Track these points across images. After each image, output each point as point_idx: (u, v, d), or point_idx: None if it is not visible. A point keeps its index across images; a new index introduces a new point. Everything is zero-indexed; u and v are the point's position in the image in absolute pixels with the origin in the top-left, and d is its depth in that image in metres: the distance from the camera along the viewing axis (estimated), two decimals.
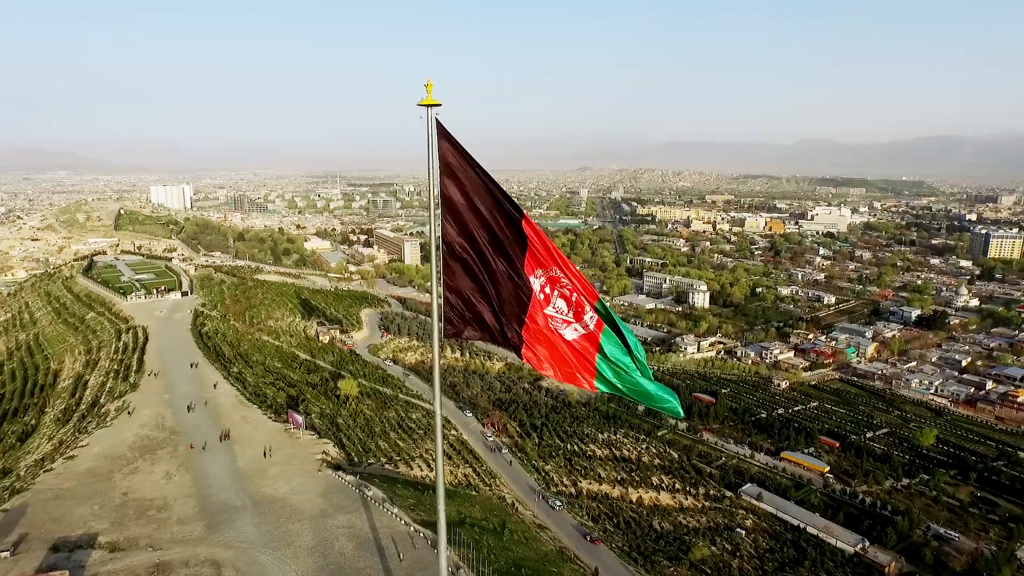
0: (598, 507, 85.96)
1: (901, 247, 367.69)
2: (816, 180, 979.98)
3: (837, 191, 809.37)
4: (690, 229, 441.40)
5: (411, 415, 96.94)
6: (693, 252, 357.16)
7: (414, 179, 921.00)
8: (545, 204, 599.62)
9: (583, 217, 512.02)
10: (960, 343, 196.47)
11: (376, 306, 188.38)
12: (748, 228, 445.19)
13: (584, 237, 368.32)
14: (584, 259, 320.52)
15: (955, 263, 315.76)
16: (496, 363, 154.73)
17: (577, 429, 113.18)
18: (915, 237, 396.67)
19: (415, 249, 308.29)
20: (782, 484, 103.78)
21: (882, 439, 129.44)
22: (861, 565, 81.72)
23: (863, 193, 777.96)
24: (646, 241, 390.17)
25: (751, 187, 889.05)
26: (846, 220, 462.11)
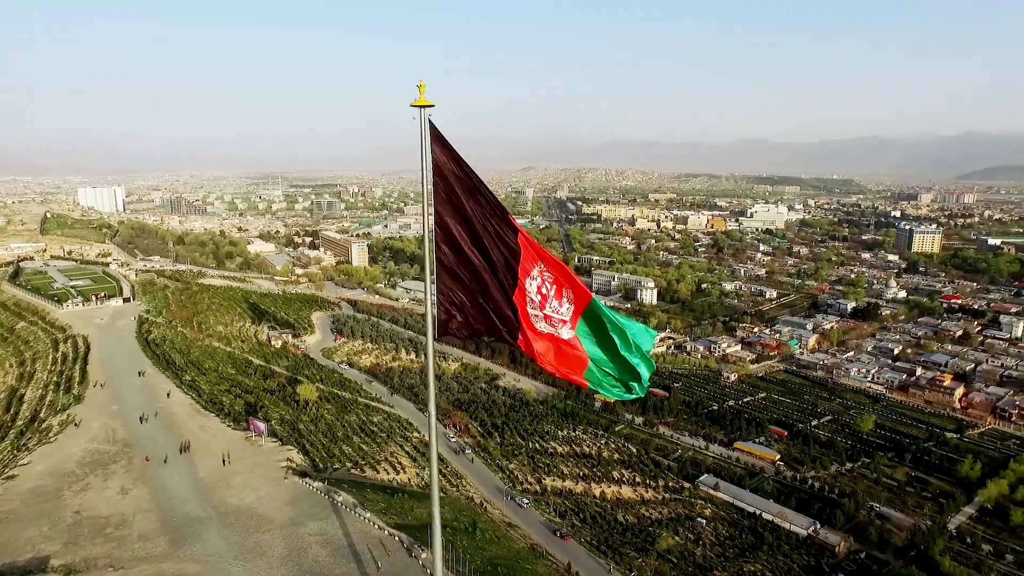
0: (564, 503, 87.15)
1: (835, 243, 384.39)
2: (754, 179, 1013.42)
3: (774, 189, 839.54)
4: (635, 227, 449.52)
5: (372, 418, 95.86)
6: (639, 250, 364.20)
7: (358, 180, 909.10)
8: None
9: (530, 217, 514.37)
10: (892, 333, 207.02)
11: (327, 309, 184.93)
12: (691, 226, 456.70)
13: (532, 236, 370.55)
14: None
15: (884, 257, 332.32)
16: (452, 364, 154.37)
17: (537, 427, 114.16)
18: (847, 233, 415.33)
19: (363, 251, 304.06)
20: (737, 473, 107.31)
21: (826, 426, 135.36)
22: (814, 546, 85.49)
23: (798, 191, 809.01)
24: (593, 240, 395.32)
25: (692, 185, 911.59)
26: (783, 217, 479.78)
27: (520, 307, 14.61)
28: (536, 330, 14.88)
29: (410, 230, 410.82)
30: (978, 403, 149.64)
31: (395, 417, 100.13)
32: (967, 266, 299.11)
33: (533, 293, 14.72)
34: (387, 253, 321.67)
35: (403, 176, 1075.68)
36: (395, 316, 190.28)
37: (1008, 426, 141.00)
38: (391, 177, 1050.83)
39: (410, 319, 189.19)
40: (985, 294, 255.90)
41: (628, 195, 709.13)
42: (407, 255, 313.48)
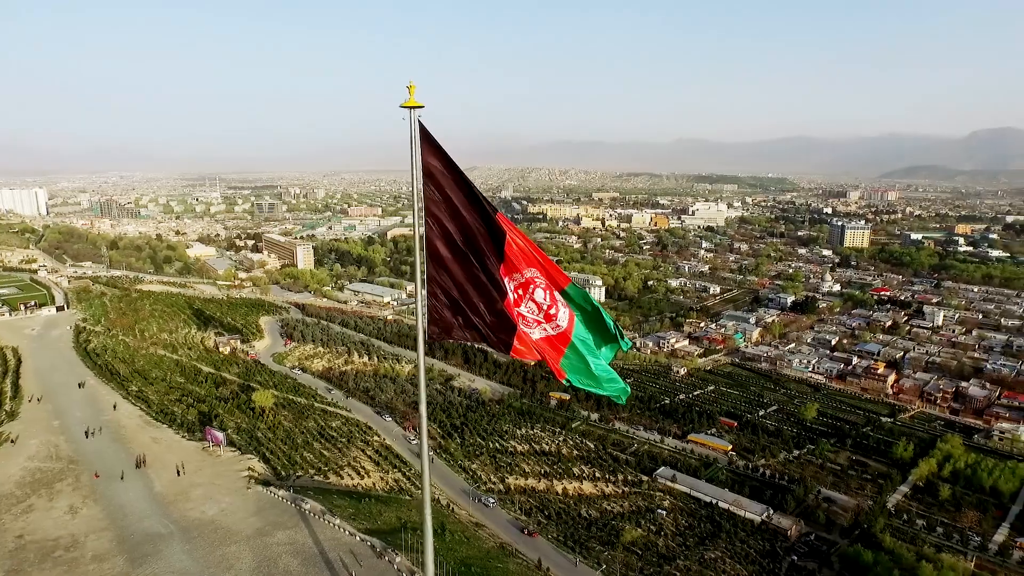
0: (528, 501, 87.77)
1: (773, 239, 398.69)
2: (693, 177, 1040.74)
3: (713, 187, 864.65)
4: (581, 226, 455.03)
5: (331, 424, 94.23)
6: (586, 248, 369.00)
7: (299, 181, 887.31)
8: None
9: None
10: (828, 324, 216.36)
11: (274, 313, 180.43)
12: (635, 224, 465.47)
13: None
14: None
15: (818, 252, 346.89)
16: (405, 366, 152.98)
17: (496, 427, 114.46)
18: (783, 229, 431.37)
19: (308, 253, 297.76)
20: (692, 465, 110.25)
21: (773, 416, 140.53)
22: (768, 531, 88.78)
23: (735, 189, 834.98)
24: (540, 239, 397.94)
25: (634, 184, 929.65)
26: (723, 214, 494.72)
27: (508, 305, 14.82)
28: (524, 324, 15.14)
29: (355, 231, 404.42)
30: (908, 388, 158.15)
31: (353, 421, 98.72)
32: (893, 260, 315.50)
33: (520, 291, 14.99)
34: (333, 255, 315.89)
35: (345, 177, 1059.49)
36: (345, 319, 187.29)
37: (934, 409, 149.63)
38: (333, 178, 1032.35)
39: (360, 322, 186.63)
40: (910, 286, 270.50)
41: (572, 194, 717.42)
42: (353, 257, 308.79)
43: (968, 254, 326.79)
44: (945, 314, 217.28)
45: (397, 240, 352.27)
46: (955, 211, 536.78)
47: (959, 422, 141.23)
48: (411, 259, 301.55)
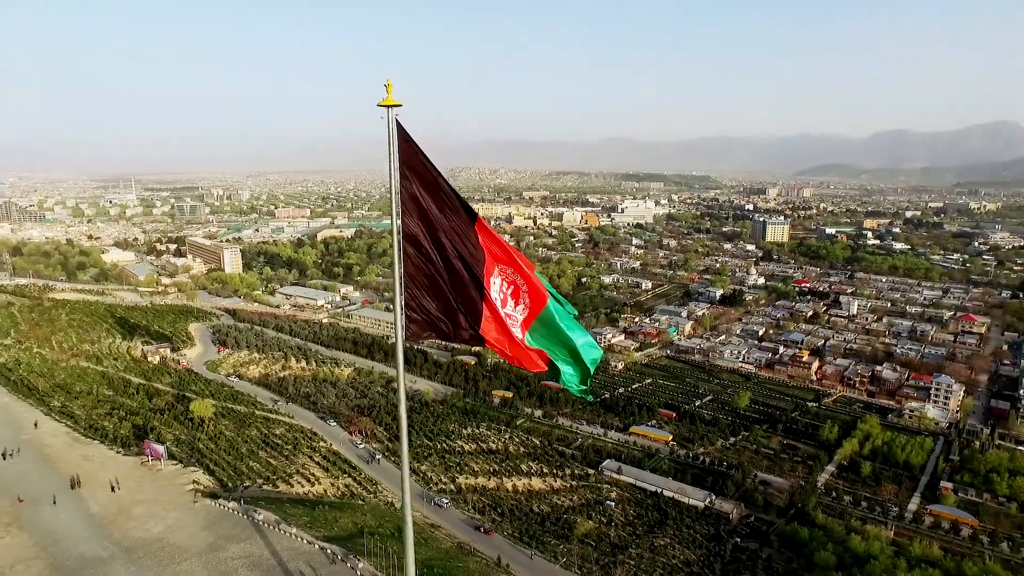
0: (481, 500, 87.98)
1: (699, 235, 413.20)
2: (621, 175, 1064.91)
3: (640, 185, 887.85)
4: (513, 225, 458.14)
5: (274, 431, 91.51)
6: (519, 247, 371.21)
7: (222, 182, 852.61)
8: (367, 205, 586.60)
9: None
10: (755, 316, 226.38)
11: (204, 320, 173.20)
12: (566, 222, 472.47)
13: None
14: None
15: (743, 247, 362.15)
16: (345, 369, 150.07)
17: (441, 427, 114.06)
18: (709, 225, 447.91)
19: (236, 256, 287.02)
20: (635, 456, 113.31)
21: (708, 405, 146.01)
22: (711, 516, 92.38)
23: (662, 187, 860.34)
24: None
25: (564, 183, 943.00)
26: (652, 212, 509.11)
27: (488, 304, 15.08)
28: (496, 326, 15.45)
29: (284, 234, 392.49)
30: (830, 374, 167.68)
31: (297, 428, 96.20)
32: (811, 253, 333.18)
33: (495, 292, 15.35)
34: (262, 258, 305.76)
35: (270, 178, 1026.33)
36: (279, 323, 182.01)
37: (854, 392, 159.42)
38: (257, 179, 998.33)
39: (295, 326, 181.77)
40: (827, 277, 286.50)
41: (503, 193, 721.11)
42: (283, 260, 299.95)
43: (876, 247, 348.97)
44: (859, 303, 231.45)
45: (328, 242, 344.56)
46: (863, 207, 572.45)
47: (875, 403, 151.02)
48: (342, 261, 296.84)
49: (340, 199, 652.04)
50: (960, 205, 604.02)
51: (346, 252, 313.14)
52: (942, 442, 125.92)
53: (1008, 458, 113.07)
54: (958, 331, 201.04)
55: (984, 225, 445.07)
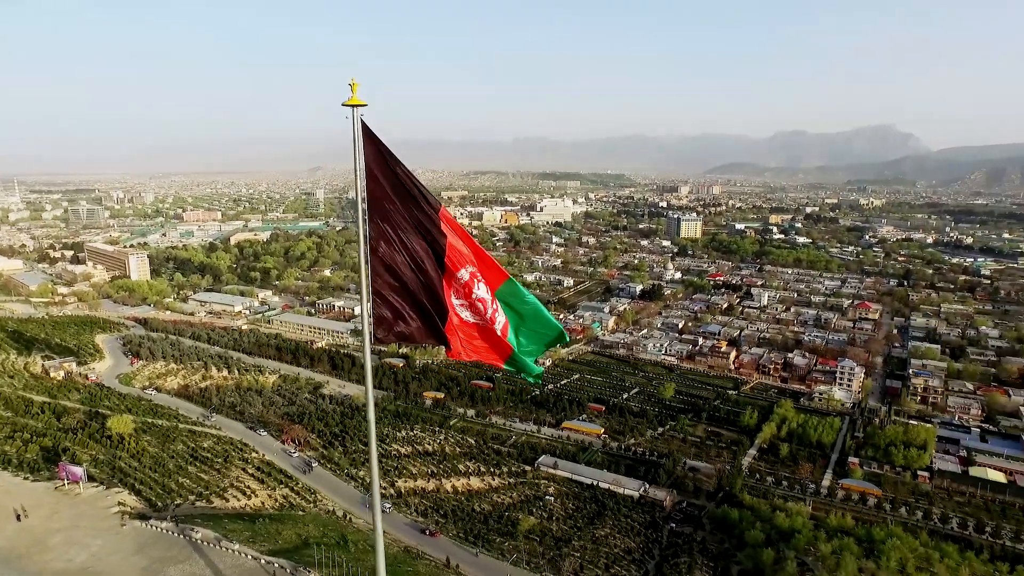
0: (422, 502, 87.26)
1: (617, 232, 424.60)
2: (538, 175, 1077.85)
3: (557, 184, 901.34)
4: None
5: (202, 444, 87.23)
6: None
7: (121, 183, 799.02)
8: (280, 207, 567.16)
9: (323, 219, 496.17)
10: (674, 309, 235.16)
11: (112, 330, 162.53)
12: (486, 221, 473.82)
13: (329, 239, 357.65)
14: (334, 261, 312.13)
15: (659, 244, 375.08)
16: (270, 376, 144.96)
17: (378, 431, 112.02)
18: (625, 223, 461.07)
19: (143, 262, 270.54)
20: (570, 450, 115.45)
21: (635, 398, 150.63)
22: (646, 504, 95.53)
23: (578, 185, 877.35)
24: None
25: (482, 183, 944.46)
26: (570, 210, 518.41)
27: (448, 302, 15.44)
28: (462, 319, 15.83)
29: (193, 238, 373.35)
30: (746, 363, 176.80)
31: (226, 440, 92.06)
32: (723, 248, 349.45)
33: (459, 286, 15.75)
34: (171, 264, 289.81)
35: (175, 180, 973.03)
36: (195, 332, 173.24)
37: (769, 379, 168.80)
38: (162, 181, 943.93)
39: (213, 334, 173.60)
40: (738, 271, 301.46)
41: None
42: (195, 265, 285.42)
43: (781, 241, 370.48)
44: (769, 295, 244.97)
45: (242, 245, 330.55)
46: (767, 203, 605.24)
47: (789, 388, 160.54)
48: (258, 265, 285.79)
49: (253, 201, 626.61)
50: (852, 201, 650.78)
51: (262, 256, 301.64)
52: (848, 421, 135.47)
53: (903, 432, 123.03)
54: (856, 318, 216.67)
55: (872, 220, 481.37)
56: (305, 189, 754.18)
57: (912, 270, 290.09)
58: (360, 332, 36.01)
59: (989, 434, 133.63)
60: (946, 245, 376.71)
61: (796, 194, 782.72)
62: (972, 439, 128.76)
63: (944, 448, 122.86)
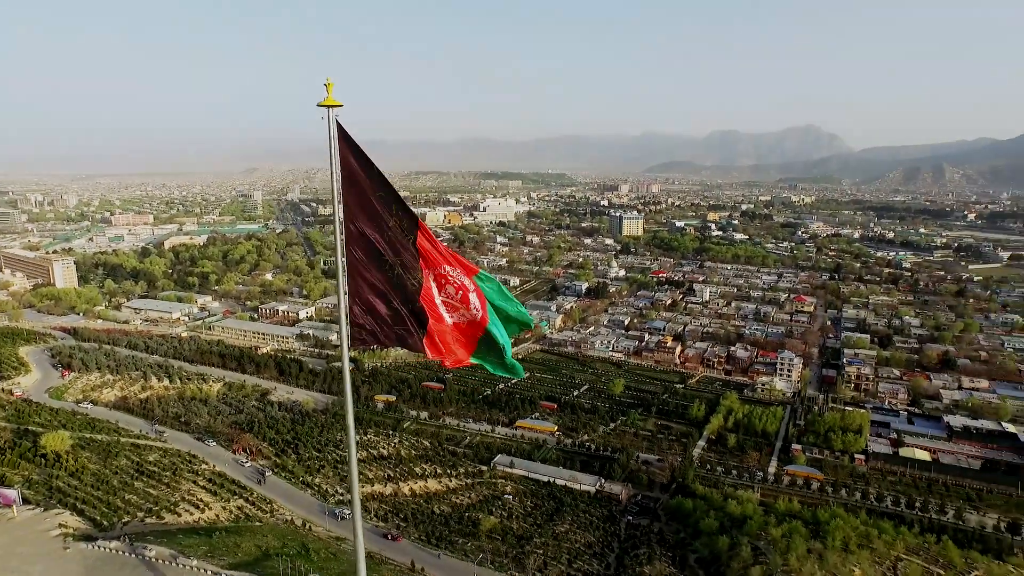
0: (381, 507, 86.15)
1: (560, 230, 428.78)
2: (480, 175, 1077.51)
3: (499, 184, 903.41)
4: None
5: (147, 458, 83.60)
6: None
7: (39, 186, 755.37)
8: (217, 209, 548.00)
9: (262, 221, 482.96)
10: (620, 307, 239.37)
11: (38, 342, 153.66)
12: (430, 221, 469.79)
13: (270, 242, 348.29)
14: (275, 264, 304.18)
15: (602, 242, 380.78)
16: (214, 385, 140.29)
17: (329, 437, 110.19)
18: (568, 222, 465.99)
19: (69, 269, 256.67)
20: (525, 449, 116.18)
21: (586, 395, 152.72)
22: (603, 499, 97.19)
23: (520, 185, 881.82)
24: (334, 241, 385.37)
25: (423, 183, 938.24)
26: (513, 210, 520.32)
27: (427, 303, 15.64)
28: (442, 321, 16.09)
29: (124, 242, 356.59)
30: (691, 357, 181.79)
31: (173, 452, 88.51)
32: (664, 245, 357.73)
33: (435, 288, 16.01)
34: (101, 270, 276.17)
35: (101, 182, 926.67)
36: (132, 341, 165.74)
37: (714, 372, 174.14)
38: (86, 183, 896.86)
39: (151, 342, 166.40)
40: (680, 267, 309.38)
41: None
42: (127, 271, 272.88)
43: (719, 238, 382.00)
44: (710, 290, 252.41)
45: (178, 250, 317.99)
46: (705, 201, 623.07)
47: (733, 380, 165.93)
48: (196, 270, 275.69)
49: (187, 204, 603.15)
50: (784, 199, 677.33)
51: (199, 260, 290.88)
52: (789, 410, 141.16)
53: (840, 418, 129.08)
54: (792, 311, 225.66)
55: (804, 216, 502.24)
56: (242, 191, 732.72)
57: (842, 264, 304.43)
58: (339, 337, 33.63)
59: (915, 416, 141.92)
60: (871, 240, 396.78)
61: (732, 192, 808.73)
62: (901, 422, 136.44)
63: (877, 432, 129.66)
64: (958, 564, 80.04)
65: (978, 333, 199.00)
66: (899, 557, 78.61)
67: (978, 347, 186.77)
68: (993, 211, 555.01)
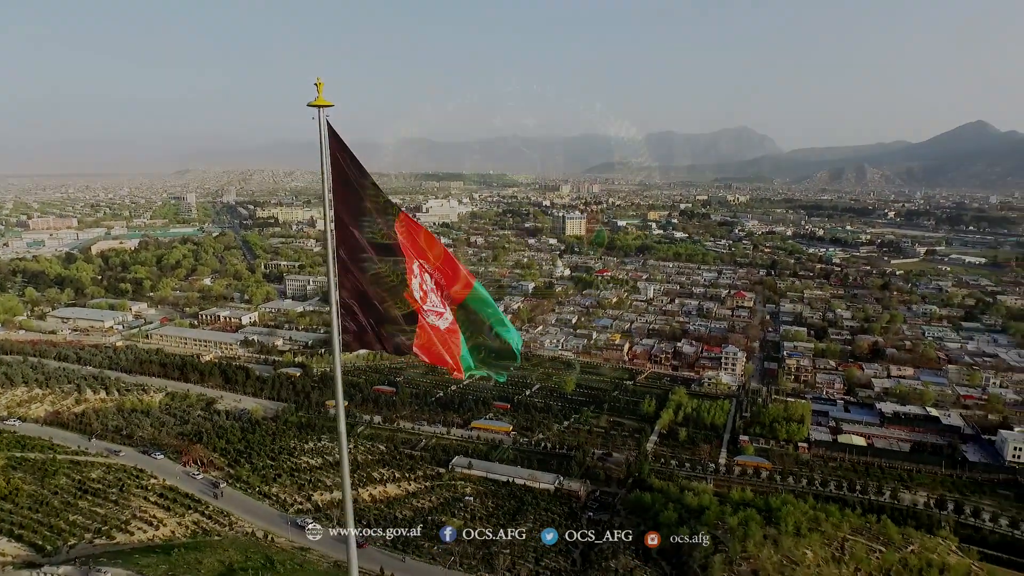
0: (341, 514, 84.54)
1: (504, 231, 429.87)
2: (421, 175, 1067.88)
3: (441, 184, 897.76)
4: (317, 228, 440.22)
5: (90, 475, 79.51)
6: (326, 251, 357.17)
7: None
8: (148, 212, 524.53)
9: (197, 224, 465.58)
10: (567, 306, 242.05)
11: None
12: None
13: (207, 245, 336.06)
14: (213, 269, 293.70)
15: (546, 241, 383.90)
16: (155, 395, 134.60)
17: (282, 445, 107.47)
18: (512, 222, 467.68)
19: None
20: (481, 450, 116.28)
21: (539, 393, 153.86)
22: (562, 497, 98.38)
23: (462, 186, 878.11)
24: (276, 244, 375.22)
25: None
26: (456, 210, 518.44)
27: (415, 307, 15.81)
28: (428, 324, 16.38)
29: (45, 248, 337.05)
30: (639, 354, 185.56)
31: (118, 467, 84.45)
32: (607, 244, 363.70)
33: (416, 288, 16.27)
34: (20, 277, 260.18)
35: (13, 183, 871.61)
36: (61, 352, 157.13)
37: (661, 368, 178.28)
38: None
39: (83, 353, 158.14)
40: (624, 266, 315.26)
41: (301, 196, 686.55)
42: (51, 278, 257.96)
43: (660, 236, 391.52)
44: (654, 288, 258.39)
45: (107, 255, 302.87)
46: (645, 200, 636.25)
47: (680, 376, 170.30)
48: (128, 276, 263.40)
49: (114, 207, 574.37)
50: (720, 198, 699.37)
51: (132, 266, 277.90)
52: (735, 403, 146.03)
53: (783, 409, 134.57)
54: (733, 307, 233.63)
55: (740, 215, 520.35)
56: (173, 193, 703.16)
57: (777, 260, 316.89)
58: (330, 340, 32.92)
59: (851, 404, 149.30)
60: (803, 237, 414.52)
61: (670, 191, 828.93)
62: (838, 410, 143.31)
63: (817, 420, 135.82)
64: (896, 540, 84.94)
65: (902, 324, 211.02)
66: (845, 538, 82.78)
67: (903, 337, 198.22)
68: (909, 209, 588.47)
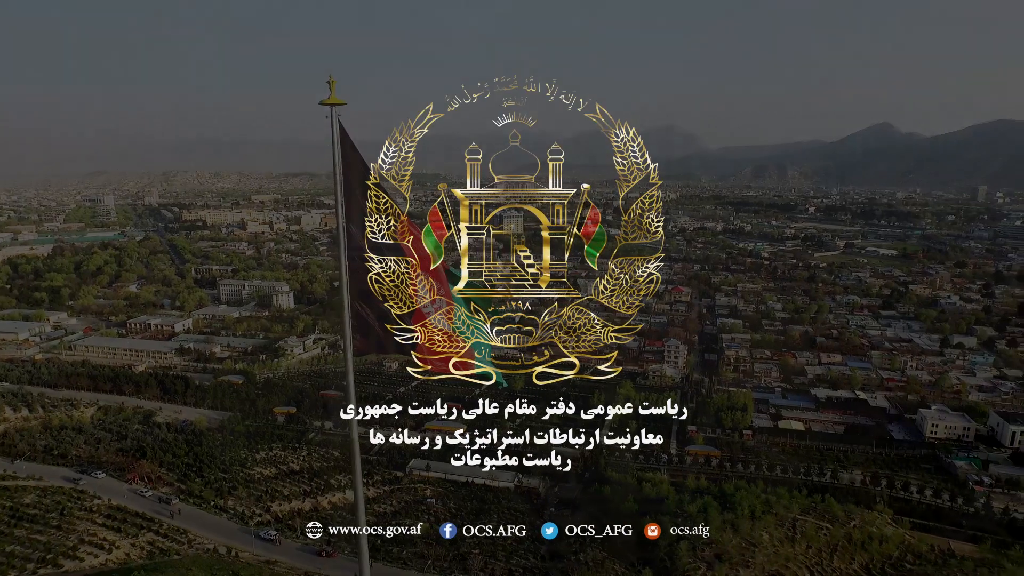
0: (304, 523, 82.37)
1: None
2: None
3: None
4: (248, 231, 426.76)
5: (23, 500, 74.38)
6: (260, 254, 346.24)
7: None
8: (60, 216, 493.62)
9: (118, 228, 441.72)
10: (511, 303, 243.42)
11: None
12: (306, 225, 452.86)
13: (130, 250, 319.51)
14: (140, 275, 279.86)
15: None
16: (85, 410, 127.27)
17: (232, 455, 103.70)
18: None
19: None
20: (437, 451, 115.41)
21: (487, 391, 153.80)
22: (523, 493, 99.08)
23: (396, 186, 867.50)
24: (205, 248, 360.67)
25: (294, 185, 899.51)
26: None
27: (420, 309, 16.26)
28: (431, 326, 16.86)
29: None
30: None
31: (55, 490, 79.32)
32: None
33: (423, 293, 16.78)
34: None
35: None
36: None
37: None
38: None
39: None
40: None
41: (229, 198, 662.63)
42: None
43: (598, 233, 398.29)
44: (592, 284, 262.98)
45: (16, 262, 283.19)
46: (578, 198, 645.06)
47: (627, 370, 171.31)
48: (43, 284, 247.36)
49: (20, 210, 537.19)
50: None
51: (46, 273, 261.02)
52: (680, 394, 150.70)
53: (727, 399, 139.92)
54: (672, 301, 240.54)
55: (672, 211, 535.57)
56: (88, 195, 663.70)
57: (709, 255, 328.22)
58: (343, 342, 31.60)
59: (788, 392, 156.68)
60: (732, 232, 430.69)
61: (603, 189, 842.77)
62: (777, 398, 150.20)
63: (758, 408, 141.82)
64: (840, 517, 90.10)
65: (828, 314, 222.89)
66: (795, 518, 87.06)
67: (830, 326, 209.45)
68: (828, 205, 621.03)
